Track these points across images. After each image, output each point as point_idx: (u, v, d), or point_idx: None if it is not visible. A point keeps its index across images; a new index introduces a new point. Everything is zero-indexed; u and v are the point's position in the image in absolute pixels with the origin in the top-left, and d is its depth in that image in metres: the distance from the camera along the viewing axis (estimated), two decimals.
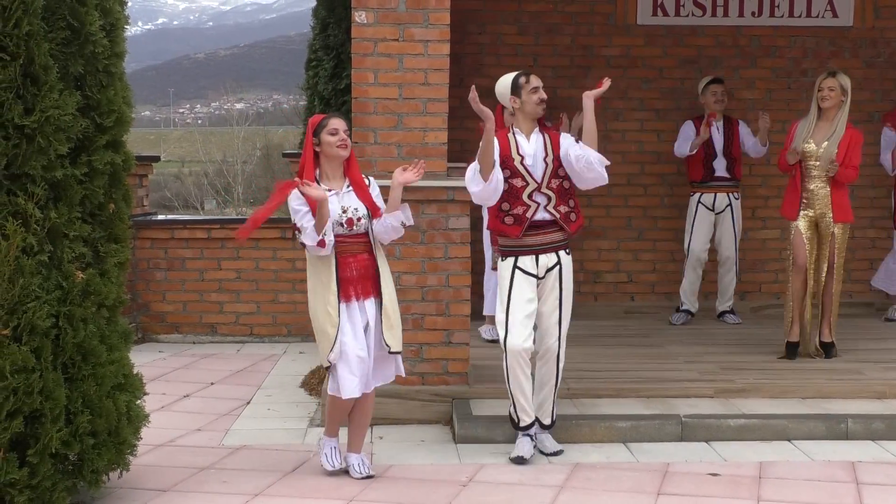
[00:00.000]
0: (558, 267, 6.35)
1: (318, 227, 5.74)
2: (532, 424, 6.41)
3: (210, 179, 28.60)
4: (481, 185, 6.14)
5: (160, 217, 10.75)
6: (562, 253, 6.38)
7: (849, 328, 8.75)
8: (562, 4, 10.07)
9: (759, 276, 10.27)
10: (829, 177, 7.77)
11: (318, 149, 5.95)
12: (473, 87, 6.10)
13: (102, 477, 5.46)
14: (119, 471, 5.58)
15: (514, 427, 6.44)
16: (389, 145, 7.04)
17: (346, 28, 8.81)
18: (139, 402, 5.66)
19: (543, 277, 6.31)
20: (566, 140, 6.36)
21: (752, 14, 10.14)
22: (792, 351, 7.95)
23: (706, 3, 10.11)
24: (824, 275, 7.90)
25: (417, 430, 6.97)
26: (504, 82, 6.40)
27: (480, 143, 6.11)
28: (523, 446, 6.36)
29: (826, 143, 7.72)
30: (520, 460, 6.28)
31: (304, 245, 5.85)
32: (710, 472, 6.15)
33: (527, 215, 6.25)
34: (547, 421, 6.50)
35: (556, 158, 6.31)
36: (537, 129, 6.38)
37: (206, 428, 7.13)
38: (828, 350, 7.95)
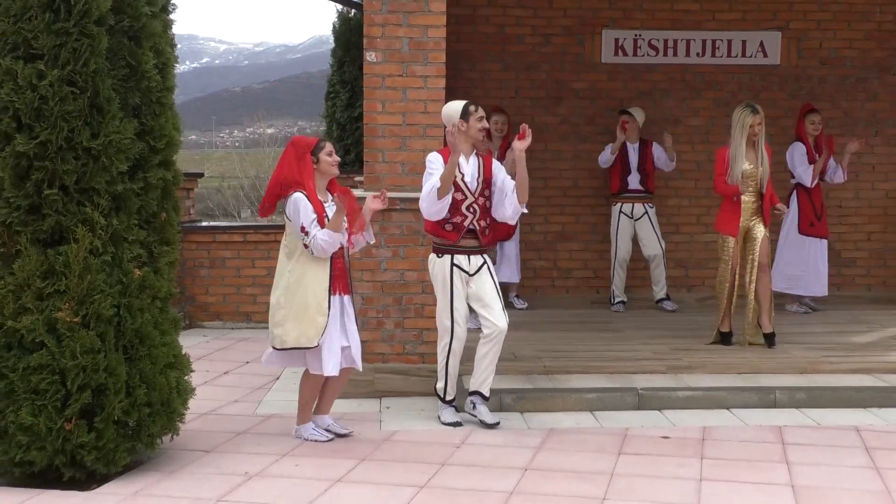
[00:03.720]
0: (486, 265, 6.32)
1: (339, 232, 5.74)
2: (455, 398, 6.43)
3: (245, 192, 28.50)
4: (435, 202, 6.06)
5: (204, 223, 10.76)
6: (486, 256, 6.35)
7: (775, 315, 8.75)
8: (539, 46, 10.08)
9: (702, 272, 10.26)
10: (758, 191, 7.69)
11: (315, 166, 5.93)
12: (451, 126, 6.09)
13: (156, 440, 5.48)
14: (170, 435, 5.59)
15: (442, 401, 6.42)
16: (395, 164, 7.05)
17: (359, 66, 8.83)
18: (187, 377, 5.66)
19: (474, 275, 6.26)
20: (501, 171, 6.30)
21: (697, 54, 10.16)
22: (727, 339, 7.84)
23: (659, 46, 10.12)
24: (755, 274, 7.74)
25: (418, 401, 6.97)
26: (454, 107, 6.29)
27: (444, 169, 6.04)
28: (454, 414, 6.39)
29: (760, 164, 7.61)
30: (458, 424, 6.30)
31: (308, 246, 5.76)
32: (662, 435, 6.16)
33: (464, 224, 6.22)
34: (488, 393, 6.41)
35: (486, 181, 6.27)
36: (474, 152, 6.34)
37: (243, 399, 7.13)
38: (770, 339, 7.75)
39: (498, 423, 6.31)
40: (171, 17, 5.78)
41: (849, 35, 10.27)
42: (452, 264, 6.23)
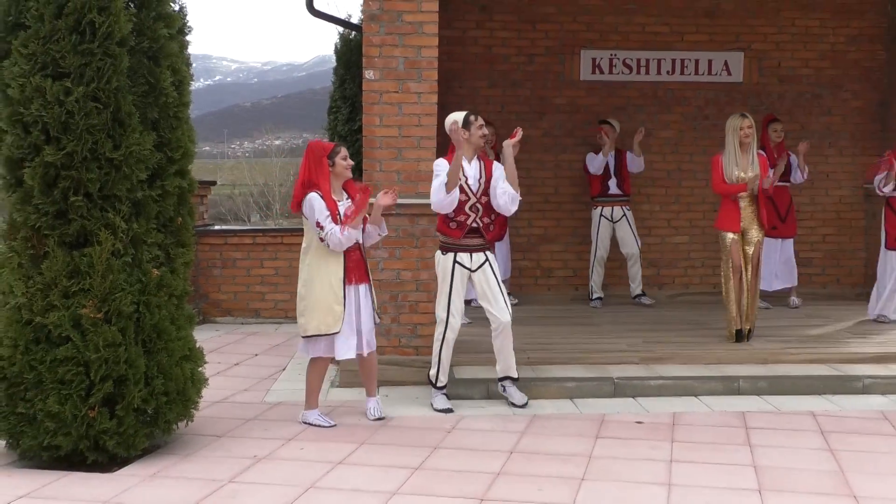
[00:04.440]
0: (487, 263, 6.34)
1: (357, 227, 5.85)
2: (446, 385, 6.45)
3: (255, 199, 28.46)
4: (444, 195, 6.12)
5: (216, 227, 10.72)
6: (488, 253, 6.38)
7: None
8: (523, 65, 10.08)
9: (672, 271, 10.29)
10: (753, 195, 7.56)
11: (331, 169, 5.96)
12: (453, 124, 6.14)
13: (173, 426, 5.47)
14: (185, 421, 5.57)
15: (434, 387, 6.44)
16: (391, 172, 7.04)
17: (359, 83, 8.81)
18: (200, 369, 5.65)
19: (475, 271, 6.30)
20: (498, 170, 6.34)
21: (668, 73, 10.18)
22: (741, 336, 7.62)
23: (633, 64, 10.13)
24: (750, 275, 7.62)
25: (413, 390, 6.96)
26: (455, 116, 6.33)
27: (450, 165, 6.12)
28: (445, 400, 6.40)
29: (751, 168, 7.51)
30: (449, 410, 6.31)
31: (324, 240, 5.82)
32: (636, 420, 6.17)
33: (467, 222, 6.27)
34: (516, 375, 6.49)
35: (487, 181, 6.31)
36: (476, 156, 6.38)
37: (252, 388, 7.12)
38: (749, 334, 7.69)
39: (526, 403, 6.39)
40: (187, 38, 5.77)
41: (805, 55, 10.30)
42: (455, 261, 6.26)
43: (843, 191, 10.43)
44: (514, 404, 6.44)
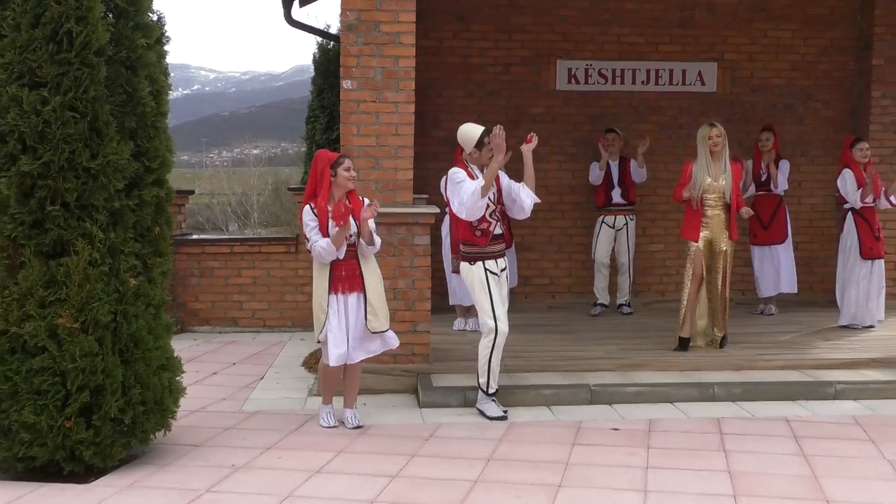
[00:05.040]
0: (506, 270, 6.45)
1: (338, 245, 5.86)
2: (497, 392, 6.44)
3: (233, 208, 28.36)
4: (478, 199, 6.10)
5: (194, 236, 10.67)
6: (507, 258, 6.51)
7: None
8: (500, 75, 10.11)
9: (648, 279, 10.33)
10: (725, 204, 7.59)
11: (333, 179, 5.96)
12: (497, 129, 6.14)
13: (150, 436, 5.42)
14: (163, 431, 5.52)
15: (485, 394, 6.38)
16: (369, 181, 7.03)
17: (336, 93, 8.81)
18: (178, 378, 5.60)
19: (499, 276, 6.35)
20: (504, 178, 6.42)
21: (642, 82, 10.23)
22: (685, 345, 7.66)
23: (608, 74, 10.18)
24: (720, 283, 7.62)
25: (391, 398, 6.95)
26: (471, 135, 6.35)
27: (490, 166, 6.14)
28: (497, 408, 6.37)
29: (723, 178, 7.54)
30: (503, 417, 6.29)
31: (310, 250, 5.91)
32: (613, 427, 6.18)
33: (490, 229, 6.31)
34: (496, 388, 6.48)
35: (499, 190, 6.37)
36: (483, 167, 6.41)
37: (230, 398, 7.07)
38: (723, 342, 7.72)
39: (506, 415, 6.35)
40: (165, 48, 5.75)
41: (777, 66, 10.39)
42: (485, 269, 6.30)
43: (815, 199, 10.52)
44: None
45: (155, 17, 5.55)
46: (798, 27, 10.35)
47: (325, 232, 5.87)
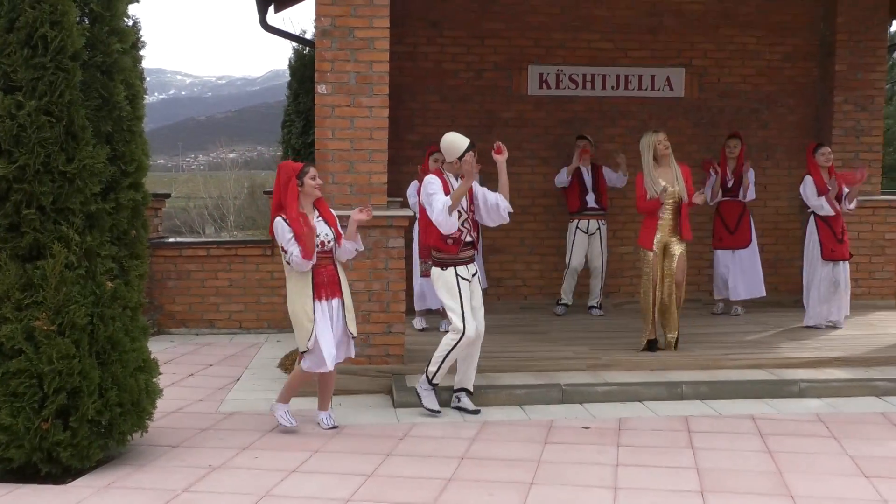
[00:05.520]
0: (477, 273, 6.47)
1: (310, 252, 5.79)
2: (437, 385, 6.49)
3: (209, 211, 28.19)
4: (448, 216, 6.18)
5: (171, 240, 10.60)
6: (477, 264, 6.54)
7: (682, 319, 8.86)
8: (472, 80, 10.14)
9: (619, 280, 10.39)
10: (675, 207, 7.59)
11: (300, 189, 5.95)
12: (469, 156, 6.26)
13: (127, 437, 5.40)
14: (140, 432, 5.50)
15: (429, 383, 6.45)
16: (343, 185, 7.04)
17: (312, 97, 8.80)
18: (155, 379, 5.59)
19: (470, 281, 6.38)
20: (478, 187, 6.47)
21: (612, 88, 10.30)
22: (652, 346, 7.67)
23: (578, 80, 10.24)
24: (673, 286, 7.58)
25: (366, 399, 6.96)
26: (456, 146, 6.37)
27: (457, 188, 6.24)
28: (435, 400, 6.47)
29: (677, 181, 7.56)
30: (438, 412, 6.39)
31: (289, 262, 5.86)
32: (584, 425, 6.22)
33: (461, 238, 6.33)
34: (471, 388, 6.55)
35: (470, 198, 6.41)
36: (459, 176, 6.44)
37: (207, 399, 7.05)
38: (676, 343, 7.72)
39: (479, 411, 6.45)
40: (141, 52, 5.71)
41: (743, 71, 10.50)
42: (457, 275, 6.32)
43: (781, 202, 10.63)
44: (467, 410, 6.47)
45: (130, 22, 5.51)
46: (763, 34, 10.47)
47: (299, 242, 5.85)
